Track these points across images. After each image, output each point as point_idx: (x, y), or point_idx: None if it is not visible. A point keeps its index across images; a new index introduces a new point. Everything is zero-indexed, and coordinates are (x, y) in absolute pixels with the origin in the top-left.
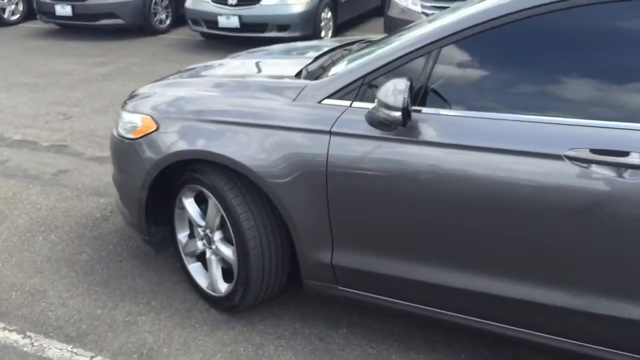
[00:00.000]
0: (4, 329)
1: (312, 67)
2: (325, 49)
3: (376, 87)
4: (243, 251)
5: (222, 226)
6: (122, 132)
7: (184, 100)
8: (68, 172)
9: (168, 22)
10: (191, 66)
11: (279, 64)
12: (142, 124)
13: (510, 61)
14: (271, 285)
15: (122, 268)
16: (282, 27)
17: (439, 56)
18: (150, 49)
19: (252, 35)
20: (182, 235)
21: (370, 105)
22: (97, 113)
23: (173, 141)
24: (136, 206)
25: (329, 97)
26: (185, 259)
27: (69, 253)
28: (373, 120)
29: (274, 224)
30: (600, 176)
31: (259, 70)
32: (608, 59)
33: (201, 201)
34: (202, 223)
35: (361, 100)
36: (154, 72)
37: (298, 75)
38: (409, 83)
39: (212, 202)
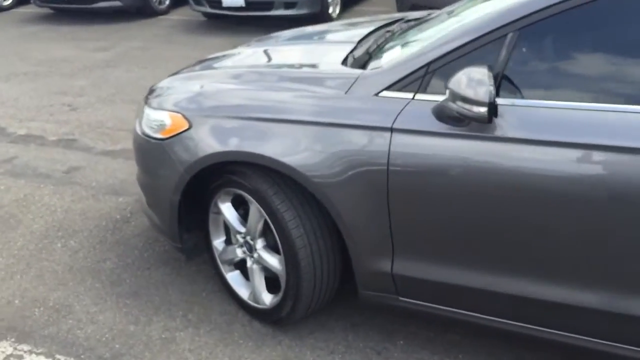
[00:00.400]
0: (31, 352)
1: (357, 54)
2: (363, 31)
3: (442, 76)
4: (293, 261)
5: (265, 233)
6: (148, 131)
7: (218, 95)
8: (80, 169)
9: (167, 2)
10: (211, 56)
11: (311, 51)
12: (171, 123)
13: (607, 42)
14: (322, 296)
15: (151, 277)
16: (289, 5)
17: (518, 38)
18: (151, 31)
19: (257, 14)
20: (218, 242)
21: (437, 98)
22: (104, 103)
23: (209, 141)
24: (167, 211)
25: (388, 88)
26: (222, 267)
27: (92, 261)
28: (442, 114)
29: (325, 231)
30: None
31: (293, 60)
32: None
33: (239, 205)
34: (242, 229)
35: (425, 92)
36: (158, 56)
37: (344, 63)
38: (490, 72)
39: (255, 207)
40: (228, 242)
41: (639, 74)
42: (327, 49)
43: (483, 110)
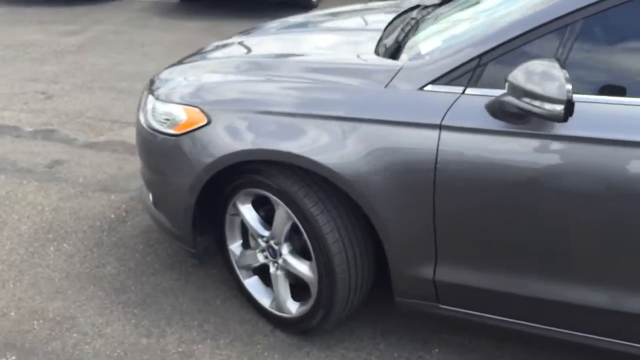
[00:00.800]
0: None
1: (388, 43)
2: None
3: (496, 69)
4: (327, 268)
5: (290, 237)
6: (157, 126)
7: (240, 88)
8: (63, 163)
9: None
10: (210, 46)
11: (329, 39)
12: (187, 117)
13: None
14: (355, 303)
15: (157, 283)
16: None
17: (582, 28)
18: (122, 14)
19: None
20: (235, 246)
21: (490, 93)
22: (81, 90)
23: (232, 138)
24: (180, 214)
25: (434, 82)
26: (240, 273)
27: (91, 266)
28: (498, 110)
29: (360, 236)
30: None
31: (312, 49)
32: None
33: (259, 207)
34: (265, 233)
35: (476, 86)
36: (133, 41)
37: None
38: (561, 66)
39: (282, 209)
40: (245, 246)
41: None
42: (345, 37)
43: (559, 108)
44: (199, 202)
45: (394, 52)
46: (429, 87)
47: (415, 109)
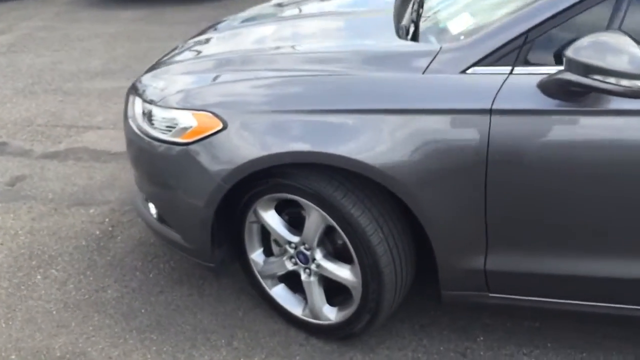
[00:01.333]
0: None
1: (405, 23)
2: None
3: (545, 45)
4: (374, 271)
5: (322, 240)
6: (158, 134)
7: (256, 86)
8: (25, 178)
9: None
10: (190, 42)
11: (331, 26)
12: (198, 123)
13: None
14: (399, 302)
15: (168, 301)
16: None
17: None
18: (49, 8)
19: None
20: (256, 255)
21: (541, 70)
22: (24, 95)
23: (257, 142)
24: (197, 228)
25: (477, 64)
26: (264, 283)
27: (89, 291)
28: (554, 89)
29: (401, 233)
30: None
31: (321, 38)
32: None
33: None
34: (294, 239)
35: (524, 64)
36: (68, 36)
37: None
38: (631, 39)
39: (316, 213)
40: (267, 253)
41: None
42: (344, 22)
43: (639, 83)
44: (217, 214)
45: (414, 35)
46: (472, 70)
47: (460, 95)
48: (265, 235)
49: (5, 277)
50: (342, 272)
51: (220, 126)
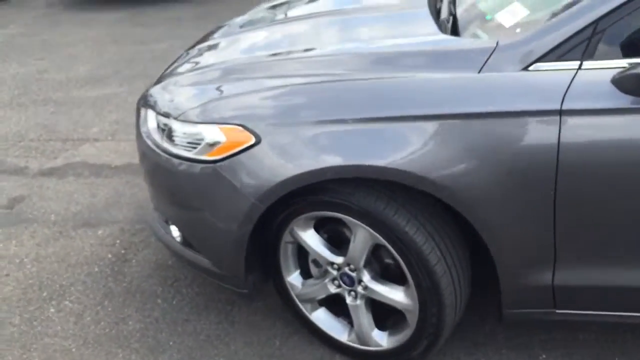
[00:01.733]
0: None
1: (445, 17)
2: None
3: (617, 35)
4: (433, 292)
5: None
6: (179, 152)
7: (291, 94)
8: (24, 199)
9: None
10: (196, 48)
11: (351, 24)
12: (227, 138)
13: None
14: (456, 323)
15: (197, 331)
16: None
17: None
18: (27, 13)
19: None
20: (293, 278)
21: (613, 64)
22: (12, 108)
23: (296, 157)
24: (229, 252)
25: (541, 59)
26: (303, 307)
27: (109, 324)
28: (631, 84)
29: (457, 249)
30: None
31: (347, 38)
32: None
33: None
34: (337, 259)
35: (593, 58)
36: (50, 42)
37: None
38: None
39: (363, 232)
40: (305, 275)
41: None
42: (377, 18)
43: None
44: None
45: (455, 29)
46: (535, 66)
47: (524, 95)
48: (302, 255)
49: (15, 312)
50: (395, 295)
51: (253, 140)
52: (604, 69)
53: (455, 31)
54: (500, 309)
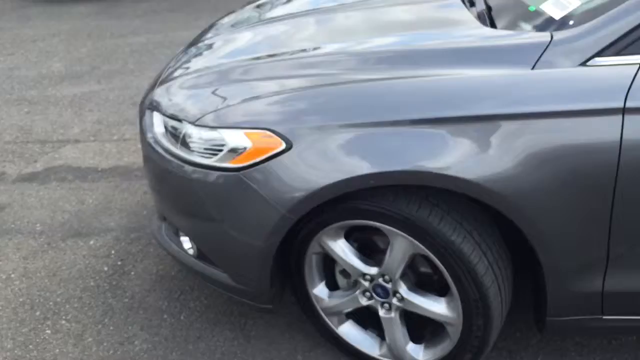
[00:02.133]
0: None
1: (482, 9)
2: None
3: None
4: (480, 305)
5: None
6: (196, 159)
7: (324, 95)
8: (5, 207)
9: None
10: (198, 44)
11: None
12: (253, 144)
13: None
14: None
15: (211, 349)
16: None
17: None
18: None
19: None
20: (319, 290)
21: None
22: None
23: (333, 163)
24: (253, 266)
25: (600, 53)
26: (329, 320)
27: (112, 345)
28: None
29: (503, 257)
30: None
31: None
32: None
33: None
34: (371, 270)
35: None
36: (20, 37)
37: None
38: None
39: (402, 241)
40: (331, 287)
41: None
42: (404, 11)
43: None
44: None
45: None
46: (595, 61)
47: (583, 92)
48: (327, 265)
49: (7, 334)
50: (435, 307)
51: (283, 146)
52: None
53: (492, 23)
54: (542, 318)
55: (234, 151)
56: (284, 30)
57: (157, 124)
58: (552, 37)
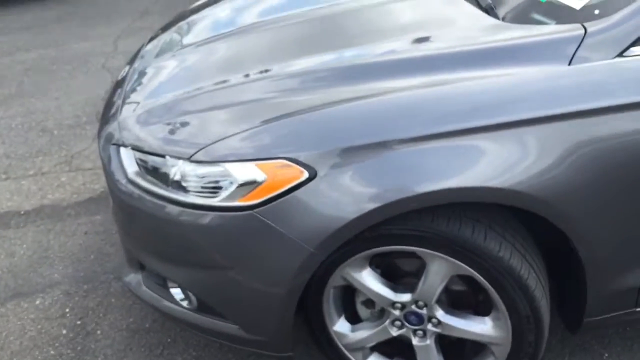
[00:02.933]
0: None
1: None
2: None
3: None
4: (533, 320)
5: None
6: (198, 200)
7: (345, 112)
8: None
9: None
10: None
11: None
12: (268, 177)
13: None
14: None
15: None
16: None
17: None
18: None
19: None
20: (340, 326)
21: None
22: None
23: (367, 188)
24: (271, 313)
25: (636, 42)
26: (352, 356)
27: None
28: None
29: (543, 266)
30: None
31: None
32: None
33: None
34: (403, 297)
35: None
36: None
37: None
38: None
39: (442, 264)
40: (353, 320)
41: None
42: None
43: None
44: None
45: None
46: (630, 52)
47: (625, 85)
48: (346, 297)
49: None
50: (479, 328)
51: (306, 175)
52: None
53: (500, 17)
54: (579, 319)
55: (244, 186)
56: (264, 39)
57: (128, 161)
58: (585, 30)
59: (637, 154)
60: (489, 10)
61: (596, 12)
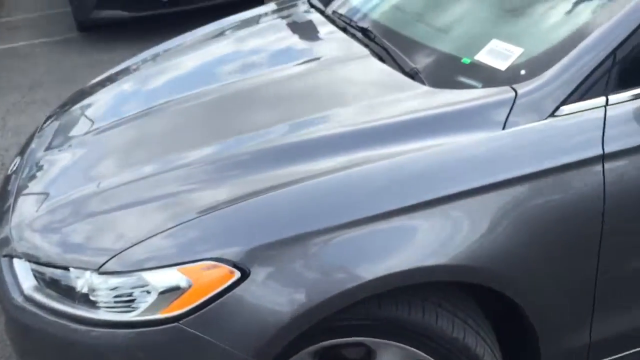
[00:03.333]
0: None
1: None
2: None
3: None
4: None
5: None
6: (111, 317)
7: (273, 204)
8: None
9: None
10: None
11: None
12: (194, 281)
13: None
14: None
15: None
16: None
17: None
18: None
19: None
20: None
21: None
22: None
23: (310, 282)
24: None
25: (566, 101)
26: None
27: None
28: None
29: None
30: None
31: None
32: None
33: None
34: None
35: (616, 90)
36: None
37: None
38: None
39: (396, 352)
40: None
41: None
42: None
43: None
44: None
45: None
46: (562, 110)
47: (561, 146)
48: None
49: None
50: None
51: (237, 276)
52: (629, 100)
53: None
54: None
55: (165, 295)
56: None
57: (24, 274)
58: (516, 92)
59: (577, 215)
60: (414, 75)
61: (522, 72)
